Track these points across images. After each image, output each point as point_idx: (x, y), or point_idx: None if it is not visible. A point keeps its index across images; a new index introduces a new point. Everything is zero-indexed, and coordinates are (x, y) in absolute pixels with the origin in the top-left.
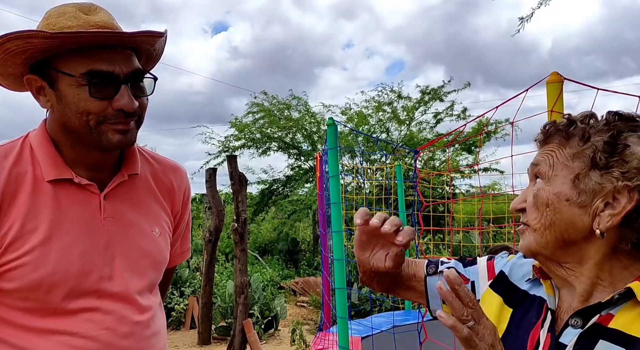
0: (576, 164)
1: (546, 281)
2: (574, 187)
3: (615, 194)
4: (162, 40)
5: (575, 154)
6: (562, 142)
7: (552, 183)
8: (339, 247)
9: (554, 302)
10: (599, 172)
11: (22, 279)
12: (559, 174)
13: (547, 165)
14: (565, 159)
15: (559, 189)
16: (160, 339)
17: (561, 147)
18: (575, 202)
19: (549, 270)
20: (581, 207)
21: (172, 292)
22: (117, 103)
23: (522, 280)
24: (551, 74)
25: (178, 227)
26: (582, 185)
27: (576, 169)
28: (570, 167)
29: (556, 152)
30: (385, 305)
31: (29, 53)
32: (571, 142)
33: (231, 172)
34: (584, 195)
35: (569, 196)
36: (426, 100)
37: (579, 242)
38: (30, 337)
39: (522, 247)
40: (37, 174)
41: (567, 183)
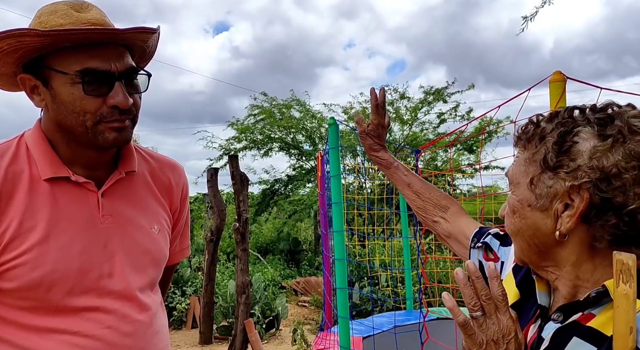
0: (531, 168)
1: (539, 279)
2: (531, 191)
3: (570, 194)
4: (155, 37)
5: (529, 158)
6: (525, 146)
7: (517, 189)
8: (340, 246)
9: (545, 299)
10: (550, 173)
11: (21, 278)
12: (520, 180)
13: (512, 171)
14: (525, 163)
15: (522, 195)
16: (162, 338)
17: (523, 152)
18: (535, 206)
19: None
20: (542, 211)
21: (173, 291)
22: (111, 100)
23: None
24: (554, 73)
25: (177, 224)
26: (538, 190)
27: (530, 173)
28: (526, 171)
29: (520, 157)
30: (387, 305)
31: (21, 52)
32: (530, 145)
33: (232, 172)
34: (542, 199)
35: (530, 201)
36: (430, 100)
37: (550, 245)
38: (31, 337)
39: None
40: (33, 172)
41: (526, 188)
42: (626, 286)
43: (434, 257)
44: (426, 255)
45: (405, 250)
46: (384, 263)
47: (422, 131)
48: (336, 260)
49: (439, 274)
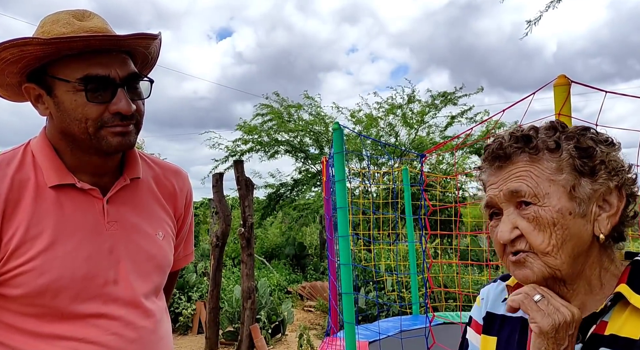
0: (564, 175)
1: None
2: (572, 199)
3: (605, 195)
4: (157, 43)
5: (558, 167)
6: (533, 159)
7: (547, 201)
8: (346, 251)
9: None
10: (588, 178)
11: (27, 285)
12: (550, 191)
13: (529, 186)
14: (549, 173)
15: (559, 205)
16: (166, 344)
17: (535, 164)
18: (577, 213)
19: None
20: (583, 217)
21: (179, 297)
22: (114, 106)
23: (498, 303)
24: (558, 76)
25: (181, 230)
26: (579, 195)
27: (567, 181)
28: (558, 180)
29: (532, 170)
30: (393, 310)
31: (25, 61)
32: (542, 156)
33: (238, 177)
34: (583, 205)
35: (571, 209)
36: (437, 104)
37: (584, 252)
38: (37, 343)
39: (526, 276)
40: (39, 180)
41: (564, 197)
42: None
43: (440, 262)
44: (432, 259)
45: (411, 254)
46: (390, 268)
47: (429, 135)
48: (342, 265)
49: (444, 279)
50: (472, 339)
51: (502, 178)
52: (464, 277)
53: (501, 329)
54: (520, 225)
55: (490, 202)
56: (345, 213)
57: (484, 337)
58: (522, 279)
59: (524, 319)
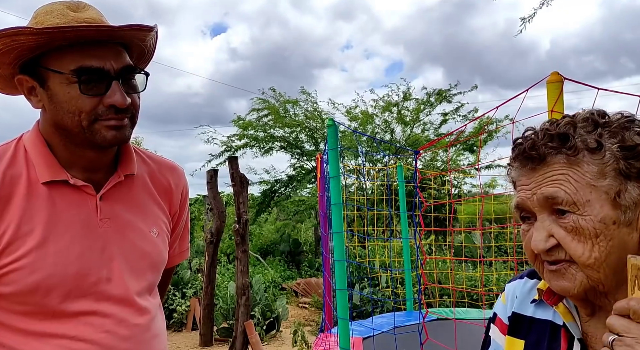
0: (608, 181)
1: (558, 306)
2: (615, 207)
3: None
4: (153, 36)
5: (600, 171)
6: (572, 161)
7: (587, 210)
8: (340, 247)
9: (578, 330)
10: (635, 182)
11: (19, 283)
12: (591, 198)
13: (567, 192)
14: (590, 178)
15: (602, 214)
16: (160, 342)
17: (573, 167)
18: (622, 222)
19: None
20: (628, 225)
21: (173, 293)
22: (108, 99)
23: (526, 304)
24: (551, 74)
25: (176, 227)
26: (625, 202)
27: (611, 186)
28: (600, 186)
29: (570, 174)
30: (387, 306)
31: (17, 52)
32: (582, 158)
33: (232, 174)
34: (629, 212)
35: (615, 218)
36: (432, 101)
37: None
38: (29, 341)
39: (564, 288)
40: (31, 176)
41: (607, 205)
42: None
43: (434, 258)
44: (426, 256)
45: (405, 251)
46: (384, 264)
47: (424, 132)
48: (336, 262)
49: (438, 275)
50: (497, 338)
51: (536, 181)
52: (457, 274)
53: (529, 331)
54: (557, 234)
55: (521, 205)
56: (339, 209)
57: (510, 338)
58: (559, 290)
59: (553, 324)
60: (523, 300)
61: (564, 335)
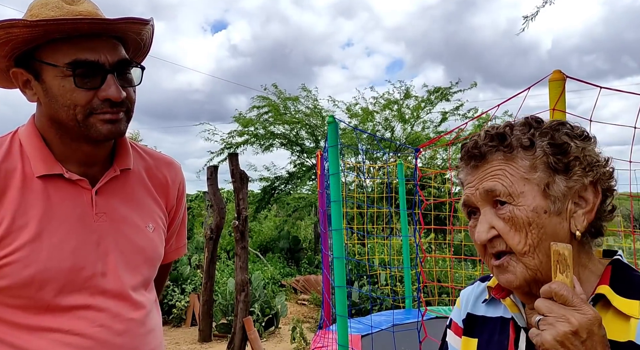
0: (538, 174)
1: (505, 300)
2: (546, 197)
3: (580, 192)
4: (149, 29)
5: (532, 165)
6: (508, 157)
7: (521, 201)
8: (339, 245)
9: (522, 319)
10: (563, 175)
11: (13, 276)
12: (524, 190)
13: (504, 185)
14: (523, 172)
15: (534, 204)
16: (155, 337)
17: (509, 162)
18: (553, 211)
19: (532, 297)
20: (558, 215)
21: (173, 289)
22: (103, 93)
23: (478, 304)
24: (553, 72)
25: (173, 222)
26: (554, 193)
27: (541, 179)
28: (532, 179)
29: (507, 169)
30: (386, 304)
31: (11, 44)
32: (517, 154)
33: (232, 170)
34: (558, 202)
35: (546, 208)
36: (432, 99)
37: None
38: (23, 335)
39: (509, 281)
40: (26, 169)
41: (539, 196)
42: (563, 276)
43: (433, 256)
44: (425, 254)
45: (405, 248)
46: (384, 262)
47: (424, 130)
48: (335, 259)
49: (438, 273)
50: (452, 342)
51: (478, 177)
52: (457, 272)
53: (482, 330)
54: (496, 226)
55: (467, 201)
56: (339, 206)
57: (465, 338)
58: (505, 283)
59: (503, 319)
60: (476, 301)
61: (512, 327)
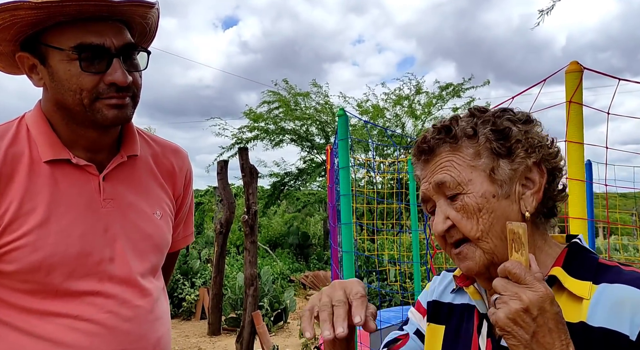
0: (483, 160)
1: (469, 287)
2: (493, 182)
3: (526, 173)
4: (154, 13)
5: (476, 152)
6: (454, 148)
7: (472, 187)
8: (348, 239)
9: (484, 306)
10: (507, 159)
11: (21, 261)
12: (472, 177)
13: (452, 176)
14: (469, 160)
15: (482, 189)
16: (163, 324)
17: (456, 153)
18: (501, 195)
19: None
20: (507, 198)
21: (183, 282)
22: (109, 77)
23: (446, 293)
24: (571, 63)
25: (180, 210)
26: (499, 177)
27: (486, 164)
28: (478, 166)
29: (454, 159)
30: (395, 300)
31: (16, 27)
32: (462, 144)
33: (242, 165)
34: (505, 186)
35: (494, 192)
36: (444, 96)
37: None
38: (32, 320)
39: (469, 267)
40: (33, 154)
41: (486, 181)
42: (518, 254)
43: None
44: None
45: (415, 245)
46: (393, 258)
47: None
48: (344, 253)
49: None
50: (413, 317)
51: (430, 171)
52: None
53: (449, 317)
54: (450, 215)
55: (424, 197)
56: (348, 200)
57: (431, 325)
58: (466, 271)
59: (468, 306)
60: (443, 290)
61: (476, 314)
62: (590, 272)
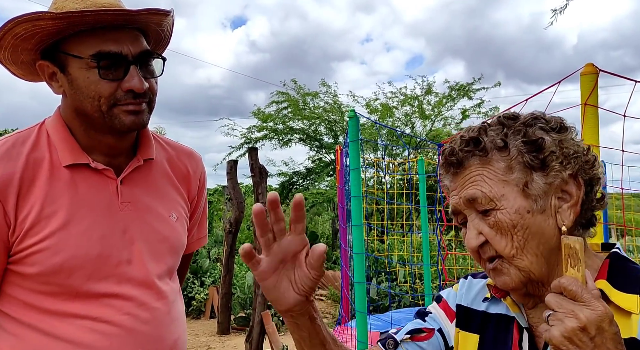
0: (515, 174)
1: (507, 298)
2: (526, 197)
3: (562, 186)
4: (169, 20)
5: (507, 166)
6: (484, 161)
7: (505, 202)
8: (359, 240)
9: (525, 320)
10: (541, 172)
11: (42, 263)
12: (504, 192)
13: (484, 191)
14: (501, 174)
15: (516, 205)
16: (179, 325)
17: (486, 166)
18: (536, 210)
19: (533, 295)
20: (542, 213)
21: (192, 281)
22: (126, 84)
23: (478, 301)
24: (586, 65)
25: (194, 213)
26: (534, 192)
27: (519, 179)
28: (510, 180)
29: (484, 173)
30: (404, 301)
31: (37, 37)
32: (492, 157)
33: (252, 165)
34: (540, 200)
35: (529, 207)
36: (453, 96)
37: (553, 248)
38: (53, 321)
39: (505, 283)
40: (54, 159)
41: (519, 196)
42: (574, 270)
43: (454, 254)
44: (447, 252)
45: (425, 246)
46: (403, 259)
47: (445, 126)
48: (354, 255)
49: (458, 271)
50: (437, 315)
51: (459, 184)
52: (478, 271)
53: (484, 327)
54: (483, 231)
55: (454, 210)
56: (359, 202)
57: (463, 333)
58: (502, 286)
59: (505, 316)
60: (476, 296)
61: (515, 326)
62: (636, 285)
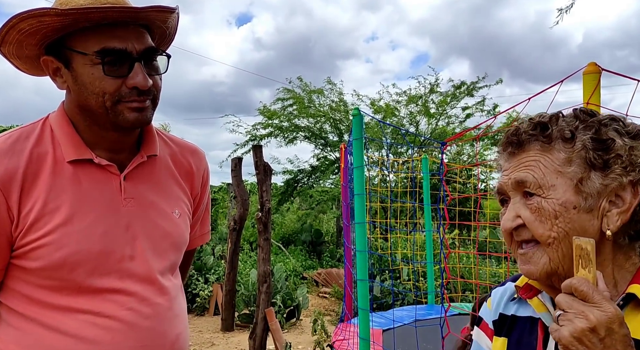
0: (573, 168)
1: (533, 300)
2: (578, 193)
3: (618, 191)
4: (175, 17)
5: (567, 158)
6: (545, 148)
7: (553, 193)
8: (362, 238)
9: (550, 319)
10: (600, 172)
11: (45, 258)
12: (556, 183)
13: (535, 177)
14: (558, 165)
15: (564, 198)
16: (181, 321)
17: (545, 154)
18: (583, 208)
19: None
20: (589, 212)
21: (197, 278)
22: (131, 81)
23: (508, 304)
24: (589, 64)
25: (197, 209)
26: (587, 189)
27: (575, 174)
28: (565, 173)
29: (541, 160)
30: (408, 299)
31: (42, 33)
32: (555, 146)
33: (256, 162)
34: (591, 199)
35: (576, 203)
36: (457, 94)
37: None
38: (55, 315)
39: (530, 271)
40: (57, 154)
41: (570, 190)
42: (585, 271)
43: (457, 252)
44: (449, 250)
45: (428, 244)
46: (406, 257)
47: (449, 125)
48: (357, 252)
49: (462, 270)
50: (480, 341)
51: (513, 165)
52: (481, 269)
53: (511, 329)
54: (522, 215)
55: (500, 189)
56: (362, 200)
57: (495, 338)
58: (526, 274)
59: (532, 318)
60: (506, 301)
61: (540, 327)
62: None
